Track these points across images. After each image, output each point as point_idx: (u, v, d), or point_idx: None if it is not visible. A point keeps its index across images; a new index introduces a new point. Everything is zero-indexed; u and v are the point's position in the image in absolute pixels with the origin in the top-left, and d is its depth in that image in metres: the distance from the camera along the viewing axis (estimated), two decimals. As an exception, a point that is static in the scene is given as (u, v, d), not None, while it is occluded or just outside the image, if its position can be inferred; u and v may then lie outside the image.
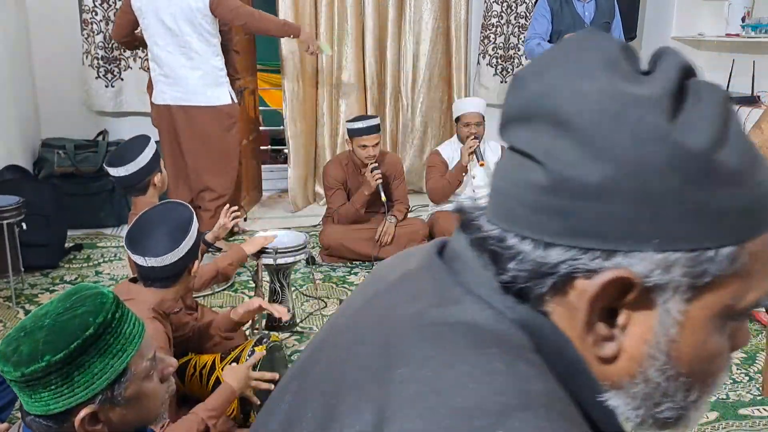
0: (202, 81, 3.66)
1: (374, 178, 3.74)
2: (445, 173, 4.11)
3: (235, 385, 1.88)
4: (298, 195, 5.02)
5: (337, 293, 3.49)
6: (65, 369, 1.04)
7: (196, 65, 3.64)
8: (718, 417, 2.40)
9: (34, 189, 3.88)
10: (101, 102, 4.80)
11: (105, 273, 3.77)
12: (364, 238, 3.88)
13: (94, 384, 1.07)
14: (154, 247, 1.82)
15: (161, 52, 3.65)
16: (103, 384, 1.08)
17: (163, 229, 1.85)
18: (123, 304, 1.16)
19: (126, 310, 1.15)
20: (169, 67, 3.67)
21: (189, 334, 2.17)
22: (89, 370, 1.06)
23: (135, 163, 2.56)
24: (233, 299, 3.46)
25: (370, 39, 5.06)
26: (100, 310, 1.09)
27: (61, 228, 3.99)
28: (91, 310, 1.09)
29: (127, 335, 1.12)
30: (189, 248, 1.87)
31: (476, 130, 3.99)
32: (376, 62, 5.12)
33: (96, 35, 4.66)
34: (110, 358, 1.08)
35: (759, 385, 2.62)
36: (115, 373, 1.09)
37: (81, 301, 1.11)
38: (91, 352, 1.06)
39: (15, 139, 4.36)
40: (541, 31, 4.10)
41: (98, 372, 1.07)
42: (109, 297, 1.12)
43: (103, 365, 1.08)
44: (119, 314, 1.12)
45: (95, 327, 1.06)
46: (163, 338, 1.82)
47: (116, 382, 1.10)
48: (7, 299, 3.37)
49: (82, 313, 1.08)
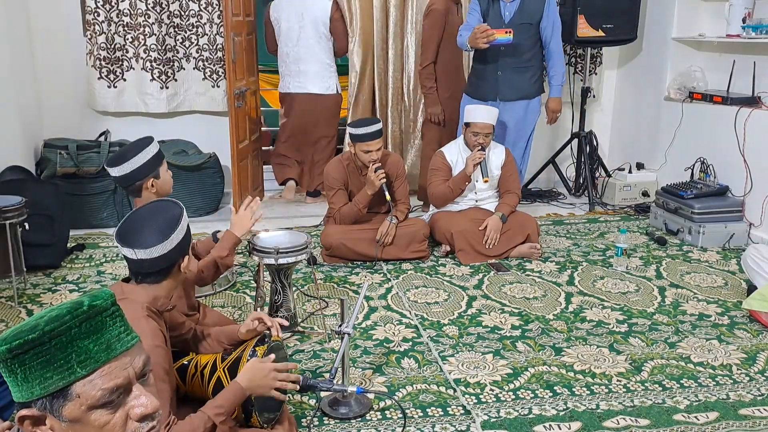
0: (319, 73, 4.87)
1: (378, 178, 3.75)
2: (448, 176, 4.12)
3: (245, 383, 1.89)
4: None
5: (338, 293, 3.50)
6: (9, 363, 1.01)
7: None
8: (718, 417, 2.40)
9: (36, 189, 3.90)
10: (103, 102, 4.81)
11: (107, 273, 3.78)
12: (365, 239, 3.89)
13: (33, 389, 1.01)
14: (142, 240, 1.83)
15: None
16: (39, 392, 1.01)
17: (152, 224, 1.86)
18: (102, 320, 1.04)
19: (104, 332, 1.04)
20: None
21: (187, 335, 2.17)
22: (30, 373, 1.00)
23: (129, 163, 2.54)
24: (234, 299, 3.47)
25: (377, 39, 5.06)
26: (57, 318, 1.01)
27: (64, 228, 4.00)
28: (53, 315, 1.01)
29: (81, 353, 1.01)
30: (178, 242, 1.88)
31: (484, 140, 4.00)
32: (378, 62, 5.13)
33: (98, 36, 4.67)
34: (51, 371, 1.00)
35: (759, 386, 2.62)
36: (53, 386, 1.01)
37: (64, 303, 1.05)
38: (31, 355, 0.99)
39: (18, 140, 4.38)
40: (471, 23, 4.16)
41: (36, 378, 1.00)
42: (79, 307, 1.02)
43: (41, 374, 1.00)
44: (81, 329, 1.01)
45: (39, 333, 0.99)
46: (159, 336, 1.83)
47: (55, 397, 1.01)
48: (10, 299, 3.38)
49: (45, 315, 1.02)
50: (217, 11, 4.82)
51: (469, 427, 2.35)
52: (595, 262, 3.99)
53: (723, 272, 3.84)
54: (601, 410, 2.45)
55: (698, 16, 4.96)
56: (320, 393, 2.45)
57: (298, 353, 2.87)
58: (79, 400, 1.02)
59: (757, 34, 4.29)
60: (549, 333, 3.08)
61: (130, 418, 1.06)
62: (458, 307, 3.36)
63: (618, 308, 3.35)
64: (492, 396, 2.54)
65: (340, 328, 2.40)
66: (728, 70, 4.60)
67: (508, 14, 4.18)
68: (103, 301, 1.05)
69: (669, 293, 3.54)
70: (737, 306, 3.35)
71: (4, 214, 3.25)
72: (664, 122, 5.03)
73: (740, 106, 4.33)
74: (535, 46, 4.27)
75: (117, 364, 1.04)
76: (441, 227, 4.06)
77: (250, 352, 2.06)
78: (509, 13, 4.18)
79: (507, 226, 4.04)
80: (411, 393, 2.56)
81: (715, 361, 2.81)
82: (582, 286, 3.64)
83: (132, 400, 1.06)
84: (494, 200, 4.21)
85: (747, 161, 4.30)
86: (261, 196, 5.28)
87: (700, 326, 3.15)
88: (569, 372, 2.72)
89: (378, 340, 3.00)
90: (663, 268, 3.90)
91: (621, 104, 5.66)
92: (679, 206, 4.38)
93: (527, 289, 3.58)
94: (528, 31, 4.19)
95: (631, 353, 2.88)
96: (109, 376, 1.03)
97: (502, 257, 4.03)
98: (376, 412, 2.44)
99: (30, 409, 1.03)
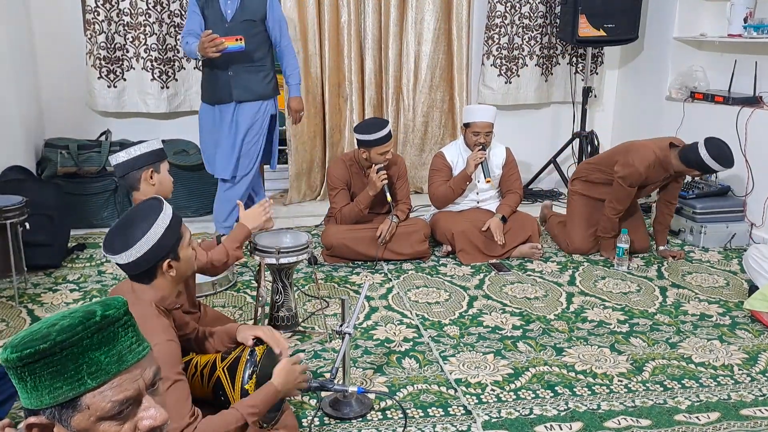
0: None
1: (380, 179, 3.75)
2: (448, 177, 4.11)
3: (280, 386, 1.90)
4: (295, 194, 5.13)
5: (339, 293, 3.50)
6: (19, 371, 1.00)
7: None
8: (719, 417, 2.40)
9: (37, 189, 3.90)
10: (104, 102, 4.81)
11: (108, 272, 3.78)
12: (366, 238, 3.89)
13: (42, 398, 1.01)
14: (115, 245, 1.82)
15: None
16: (48, 401, 1.00)
17: (125, 228, 1.83)
18: (115, 331, 1.03)
19: (116, 343, 1.03)
20: None
21: (191, 336, 2.17)
22: (40, 382, 1.00)
23: (126, 152, 2.60)
24: (235, 299, 3.46)
25: (371, 40, 5.07)
26: (69, 329, 0.99)
27: (64, 228, 4.00)
28: (66, 324, 1.00)
29: (92, 365, 1.00)
30: (149, 248, 1.81)
31: (485, 139, 3.99)
32: (377, 62, 5.13)
33: (98, 35, 4.66)
34: (61, 381, 0.99)
35: (761, 386, 2.62)
36: (62, 397, 1.00)
37: (76, 311, 1.04)
38: (41, 364, 0.99)
39: (18, 140, 4.37)
40: (193, 27, 3.92)
41: (46, 387, 1.00)
42: (92, 317, 1.01)
43: (51, 384, 0.99)
44: (93, 340, 1.00)
45: (50, 343, 0.98)
46: (170, 331, 1.83)
47: (64, 407, 1.01)
48: (11, 298, 3.38)
49: (57, 323, 1.01)
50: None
51: (470, 428, 2.35)
52: (597, 262, 3.99)
53: (724, 272, 3.83)
54: (602, 410, 2.44)
55: (699, 15, 4.96)
56: (321, 393, 2.45)
57: (299, 353, 2.86)
58: (89, 412, 1.01)
59: (758, 34, 4.28)
60: (550, 333, 3.07)
61: (138, 429, 1.05)
62: (459, 307, 3.36)
63: (619, 308, 3.35)
64: (493, 396, 2.54)
65: (340, 328, 2.40)
66: (730, 69, 4.59)
67: (229, 12, 3.90)
68: (115, 311, 1.04)
69: (670, 293, 3.53)
70: (739, 306, 3.34)
71: (5, 214, 3.24)
72: (666, 122, 5.02)
73: (741, 106, 4.33)
74: (264, 44, 4.02)
75: (128, 376, 1.03)
76: (442, 227, 4.06)
77: (250, 352, 2.06)
78: (230, 11, 3.90)
79: (508, 226, 4.04)
80: (412, 393, 2.56)
81: (716, 361, 2.81)
82: (583, 286, 3.64)
83: (141, 411, 1.05)
84: (496, 200, 4.21)
85: (748, 161, 4.29)
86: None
87: (701, 326, 3.14)
88: (570, 372, 2.71)
89: (379, 340, 2.99)
90: (664, 269, 3.89)
91: (622, 104, 5.65)
92: (681, 206, 4.38)
93: (528, 289, 3.58)
94: (253, 29, 3.94)
95: (633, 353, 2.87)
96: (119, 388, 1.02)
97: (503, 257, 4.03)
98: (377, 412, 2.43)
99: (39, 416, 1.02)
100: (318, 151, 5.19)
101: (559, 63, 5.46)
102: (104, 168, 4.51)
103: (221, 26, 3.85)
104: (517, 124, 5.37)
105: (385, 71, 5.17)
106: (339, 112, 5.17)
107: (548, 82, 5.46)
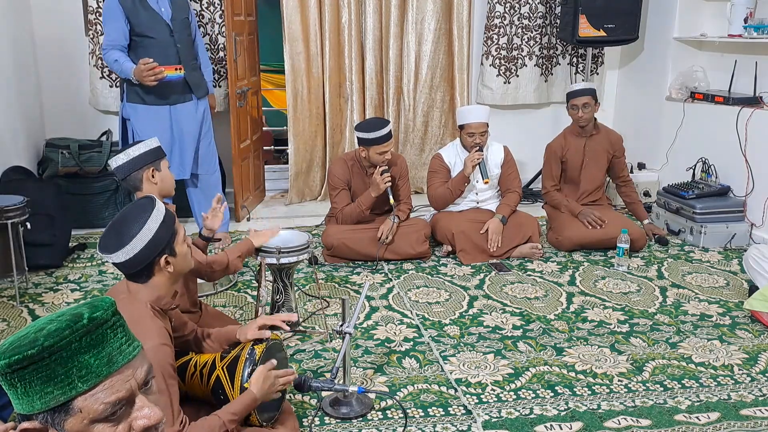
0: None
1: (384, 181, 3.75)
2: (446, 178, 4.12)
3: (258, 392, 1.93)
4: (295, 194, 5.13)
5: (340, 293, 3.50)
6: (8, 377, 0.99)
7: None
8: (719, 417, 2.40)
9: (38, 189, 3.91)
10: (105, 102, 4.81)
11: (108, 272, 3.78)
12: (366, 238, 3.89)
13: (34, 403, 1.00)
14: (109, 245, 1.82)
15: None
16: (40, 406, 0.99)
17: (118, 228, 1.83)
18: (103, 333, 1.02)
19: (105, 345, 1.01)
20: None
21: (189, 337, 2.17)
22: (30, 387, 0.99)
23: (125, 154, 2.61)
24: (236, 299, 3.47)
25: (371, 40, 5.08)
26: (56, 333, 0.98)
27: (65, 227, 4.00)
28: (53, 329, 0.98)
29: (82, 368, 0.99)
30: (144, 245, 1.81)
31: (480, 139, 4.00)
32: (378, 62, 5.14)
33: (100, 35, 4.67)
34: (51, 386, 0.98)
35: (761, 386, 2.62)
36: (54, 401, 0.99)
37: (64, 314, 1.02)
38: (31, 370, 0.98)
39: (20, 140, 4.38)
40: (116, 38, 3.70)
41: (37, 392, 0.99)
42: (79, 321, 1.00)
43: (42, 388, 0.98)
44: (81, 343, 0.99)
45: (38, 348, 0.97)
46: (164, 335, 1.83)
47: (56, 411, 1.00)
48: (11, 298, 3.39)
49: (45, 327, 1.00)
50: (218, 11, 4.82)
51: (470, 427, 2.35)
52: (597, 262, 3.99)
53: (724, 272, 3.84)
54: (602, 410, 2.44)
55: (700, 15, 4.96)
56: (321, 393, 2.45)
57: (300, 353, 2.87)
58: (81, 415, 1.00)
59: (758, 34, 4.28)
60: (550, 333, 3.07)
61: (133, 429, 1.04)
62: (459, 307, 3.36)
63: (619, 308, 3.35)
64: (493, 396, 2.54)
65: (341, 328, 2.40)
66: (730, 70, 4.59)
67: (165, 11, 3.80)
68: (103, 312, 1.02)
69: (670, 293, 3.54)
70: (739, 306, 3.34)
71: (6, 214, 3.25)
72: (666, 122, 5.02)
73: (742, 106, 4.33)
74: (194, 42, 4.04)
75: (119, 378, 1.02)
76: (442, 227, 4.07)
77: (249, 351, 2.06)
78: (165, 9, 3.80)
79: (508, 226, 4.04)
80: (412, 393, 2.56)
81: (716, 361, 2.81)
82: (583, 286, 3.64)
83: (135, 411, 1.04)
84: (495, 200, 4.21)
85: (748, 161, 4.29)
86: (262, 196, 5.29)
87: (701, 326, 3.14)
88: (570, 372, 2.72)
89: (379, 340, 3.00)
90: (664, 269, 3.89)
91: (622, 104, 5.65)
92: (681, 206, 4.38)
93: (528, 289, 3.58)
94: (187, 27, 3.94)
95: (633, 353, 2.88)
96: (111, 390, 1.01)
97: (504, 257, 4.03)
98: (378, 411, 2.44)
99: (32, 421, 1.02)
100: (318, 151, 5.20)
101: (559, 63, 5.46)
102: (105, 168, 4.51)
103: (164, 27, 3.81)
104: (516, 124, 5.37)
105: (386, 71, 5.18)
106: (340, 112, 5.17)
107: (548, 82, 5.46)
